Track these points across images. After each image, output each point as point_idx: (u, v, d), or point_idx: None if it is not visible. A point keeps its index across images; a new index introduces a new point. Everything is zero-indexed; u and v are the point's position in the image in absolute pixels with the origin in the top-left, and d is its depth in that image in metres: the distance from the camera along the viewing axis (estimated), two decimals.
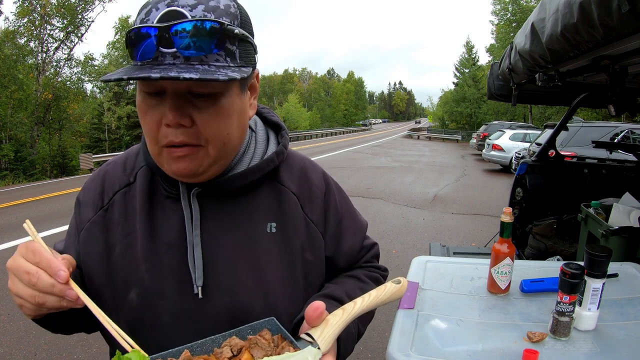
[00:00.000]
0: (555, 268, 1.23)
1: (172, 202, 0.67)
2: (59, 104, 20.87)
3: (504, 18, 26.48)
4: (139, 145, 0.74)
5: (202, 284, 0.64)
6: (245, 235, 0.68)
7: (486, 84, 3.10)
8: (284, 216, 0.71)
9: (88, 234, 0.69)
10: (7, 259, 0.55)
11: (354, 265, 0.82)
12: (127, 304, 0.64)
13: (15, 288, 0.53)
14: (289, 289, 0.69)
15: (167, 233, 0.66)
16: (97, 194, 0.71)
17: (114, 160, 0.76)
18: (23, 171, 17.41)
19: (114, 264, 0.66)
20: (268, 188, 0.71)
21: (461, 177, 11.02)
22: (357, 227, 0.82)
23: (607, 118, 12.36)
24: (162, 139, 0.59)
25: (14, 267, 0.53)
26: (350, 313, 0.59)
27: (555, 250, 2.76)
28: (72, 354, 2.66)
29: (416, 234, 5.41)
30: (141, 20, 0.56)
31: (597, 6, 1.12)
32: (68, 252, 0.69)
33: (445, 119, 39.37)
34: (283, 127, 0.78)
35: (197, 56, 0.54)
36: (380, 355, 2.64)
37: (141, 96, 0.59)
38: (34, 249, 0.53)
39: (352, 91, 74.62)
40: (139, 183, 0.69)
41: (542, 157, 3.10)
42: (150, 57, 0.54)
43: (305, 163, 0.80)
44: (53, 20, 20.44)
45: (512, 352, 0.81)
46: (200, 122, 0.58)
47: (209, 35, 0.54)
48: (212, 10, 0.56)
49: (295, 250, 0.70)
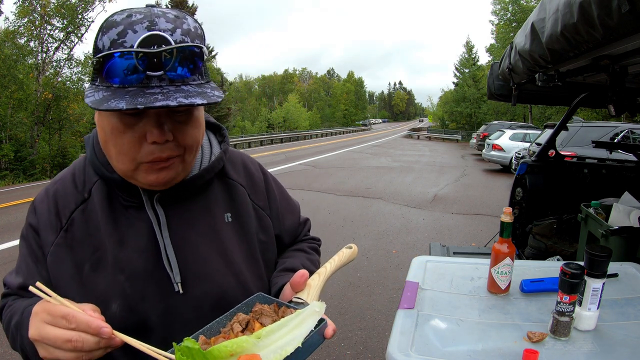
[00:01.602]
0: (555, 268, 1.23)
1: (134, 210, 0.70)
2: (59, 104, 20.86)
3: (504, 18, 26.47)
4: (82, 161, 0.76)
5: (180, 280, 0.68)
6: (208, 228, 0.74)
7: (486, 84, 3.10)
8: (237, 206, 0.79)
9: (54, 257, 0.69)
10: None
11: (296, 240, 0.93)
12: (109, 317, 0.63)
13: (54, 355, 0.54)
14: (253, 268, 0.77)
15: (136, 240, 0.69)
16: (53, 215, 0.70)
17: (60, 178, 0.76)
18: (23, 171, 17.41)
19: (86, 282, 0.67)
20: (219, 184, 0.79)
21: (461, 177, 11.03)
22: (293, 207, 0.93)
23: (607, 118, 12.36)
24: (146, 155, 0.62)
25: (46, 337, 0.54)
26: (324, 275, 0.73)
27: (555, 250, 2.76)
28: None
29: (416, 234, 5.41)
30: (112, 42, 0.56)
31: (597, 6, 1.12)
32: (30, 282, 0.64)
33: (445, 119, 39.36)
34: (222, 127, 0.85)
35: (181, 78, 0.58)
36: (380, 355, 2.64)
37: (116, 117, 0.60)
38: (64, 314, 0.54)
39: (352, 91, 74.61)
40: (96, 198, 0.71)
41: (542, 157, 3.10)
42: (136, 81, 0.56)
43: (243, 157, 0.88)
44: (53, 20, 20.44)
45: (512, 352, 0.81)
46: (179, 136, 0.63)
47: (191, 59, 0.59)
48: (187, 34, 0.59)
49: (251, 233, 0.79)
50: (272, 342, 0.57)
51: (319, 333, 0.60)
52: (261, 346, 0.57)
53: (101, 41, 0.58)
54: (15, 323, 0.66)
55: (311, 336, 0.58)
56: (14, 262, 0.77)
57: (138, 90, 0.56)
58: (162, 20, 0.58)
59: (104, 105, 0.54)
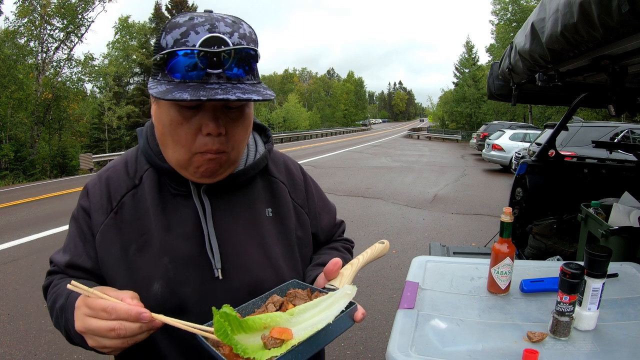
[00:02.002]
0: (555, 268, 1.23)
1: (181, 199, 0.75)
2: (59, 104, 20.86)
3: (504, 18, 26.46)
4: (135, 151, 0.82)
5: (220, 267, 0.72)
6: (250, 221, 0.78)
7: (486, 84, 3.10)
8: (277, 202, 0.83)
9: (103, 237, 0.74)
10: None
11: (330, 239, 0.98)
12: (152, 297, 0.69)
13: (102, 343, 0.59)
14: (290, 261, 0.81)
15: (182, 226, 0.73)
16: (104, 198, 0.76)
17: (113, 165, 0.81)
18: (23, 171, 17.40)
19: (133, 262, 0.72)
20: (262, 180, 0.84)
21: (461, 177, 11.02)
22: (330, 208, 0.98)
23: (607, 118, 12.36)
24: (200, 147, 0.67)
25: (91, 329, 0.58)
26: (356, 266, 0.76)
27: (555, 250, 2.76)
28: (72, 354, 2.66)
29: (416, 234, 5.41)
30: (176, 41, 0.62)
31: (597, 6, 1.12)
32: (78, 260, 0.74)
33: (445, 119, 39.33)
34: (267, 128, 0.90)
35: (237, 77, 0.64)
36: (380, 355, 2.64)
37: (175, 109, 0.65)
38: (104, 307, 0.57)
39: (352, 91, 74.48)
40: (146, 185, 0.76)
41: (542, 157, 3.10)
42: (197, 77, 0.62)
43: (285, 158, 0.93)
44: (53, 20, 20.44)
45: (512, 352, 0.81)
46: (231, 131, 0.68)
47: (246, 61, 0.64)
48: (243, 38, 0.65)
49: (289, 229, 0.83)
50: (304, 319, 0.61)
51: (348, 315, 0.63)
52: (293, 322, 0.60)
53: (164, 40, 0.63)
54: (60, 306, 0.70)
55: (341, 317, 0.61)
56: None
57: (198, 85, 0.61)
58: (221, 24, 0.64)
59: (168, 95, 0.59)
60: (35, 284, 3.74)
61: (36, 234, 5.44)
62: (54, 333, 2.91)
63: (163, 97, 0.59)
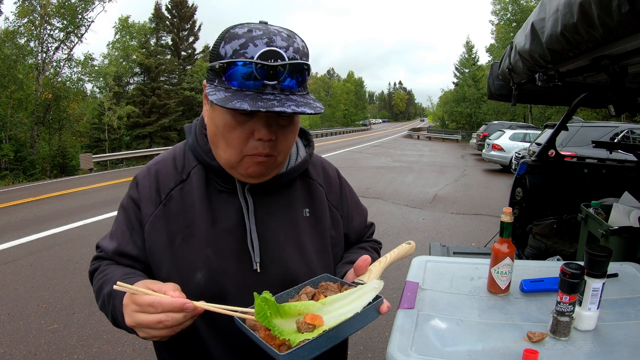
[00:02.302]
0: (555, 268, 1.23)
1: (227, 195, 0.81)
2: (58, 104, 20.84)
3: (504, 18, 26.44)
4: (182, 147, 0.87)
5: (259, 260, 0.78)
6: (288, 220, 0.84)
7: (486, 84, 3.10)
8: (315, 203, 0.89)
9: (152, 227, 0.80)
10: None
11: (360, 240, 1.02)
12: (194, 285, 0.75)
13: (152, 334, 0.64)
14: (323, 259, 0.87)
15: (226, 221, 0.79)
16: (154, 190, 0.81)
17: (162, 159, 0.87)
18: (23, 171, 17.39)
19: (178, 252, 0.78)
20: (301, 182, 0.89)
21: (461, 177, 11.02)
22: (362, 211, 1.03)
23: (607, 118, 12.35)
24: (251, 149, 0.72)
25: (141, 324, 0.63)
26: (384, 264, 0.81)
27: (555, 250, 2.76)
28: (72, 354, 2.66)
29: (416, 234, 5.41)
30: (235, 51, 0.67)
31: (597, 6, 1.12)
32: (125, 248, 0.81)
33: (445, 119, 39.31)
34: (308, 132, 0.94)
35: (290, 89, 0.69)
36: (380, 355, 2.64)
37: (230, 114, 0.71)
38: (150, 302, 0.62)
39: (352, 91, 74.36)
40: (194, 180, 0.81)
41: (542, 157, 3.09)
42: (253, 87, 0.67)
43: (322, 161, 0.99)
44: (53, 20, 20.42)
45: (512, 352, 0.81)
46: (280, 137, 0.74)
47: (300, 73, 0.70)
48: (297, 52, 0.70)
49: (324, 229, 0.88)
50: (334, 309, 0.67)
51: (375, 307, 0.68)
52: (324, 311, 0.66)
53: (224, 49, 0.68)
54: (107, 292, 0.75)
55: (368, 308, 0.67)
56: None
57: (255, 95, 0.66)
58: (278, 38, 0.68)
59: (229, 104, 0.64)
60: (35, 284, 3.75)
61: (36, 234, 5.44)
62: (54, 333, 2.91)
63: (224, 105, 0.64)
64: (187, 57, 30.25)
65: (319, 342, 0.60)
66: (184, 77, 28.68)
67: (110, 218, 6.33)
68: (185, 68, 29.58)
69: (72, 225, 5.89)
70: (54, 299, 3.46)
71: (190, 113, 28.37)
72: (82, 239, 5.21)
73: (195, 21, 30.19)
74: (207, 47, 31.80)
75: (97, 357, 2.64)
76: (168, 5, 29.04)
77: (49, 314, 3.20)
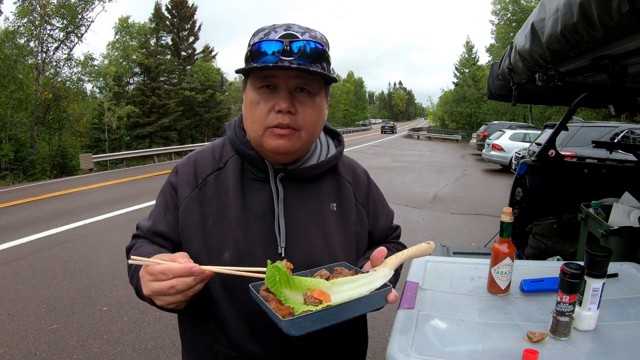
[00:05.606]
0: (555, 268, 1.23)
1: (259, 183, 0.87)
2: (58, 104, 20.83)
3: (504, 18, 26.44)
4: (222, 140, 0.95)
5: (284, 246, 0.83)
6: (316, 211, 0.89)
7: (486, 84, 3.10)
8: (342, 198, 0.93)
9: (187, 207, 0.86)
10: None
11: (385, 240, 1.05)
12: (221, 263, 0.80)
13: (167, 300, 0.69)
14: (346, 251, 0.90)
15: (257, 206, 0.85)
16: (192, 175, 0.88)
17: (201, 150, 0.94)
18: (23, 171, 17.39)
19: (210, 231, 0.84)
20: (330, 177, 0.94)
21: (461, 177, 11.02)
22: (388, 212, 1.06)
23: (607, 118, 12.34)
24: (272, 121, 0.79)
25: (155, 291, 0.69)
26: (400, 258, 0.82)
27: (555, 250, 2.76)
28: (72, 354, 2.66)
29: (416, 234, 5.41)
30: (260, 39, 0.78)
31: (597, 6, 1.12)
32: (158, 227, 0.88)
33: (445, 119, 39.30)
34: (339, 133, 1.01)
35: (305, 64, 0.76)
36: (380, 355, 2.64)
37: (254, 91, 0.80)
38: (161, 270, 0.68)
39: (352, 91, 74.35)
40: (230, 168, 0.89)
41: (542, 157, 3.10)
42: (272, 62, 0.76)
43: (352, 162, 1.04)
44: (53, 20, 20.42)
45: (512, 352, 0.81)
46: (300, 111, 0.80)
47: (315, 55, 0.78)
48: (314, 38, 0.79)
49: (350, 224, 0.92)
50: (342, 290, 0.70)
51: (382, 294, 0.71)
52: (333, 290, 0.70)
53: (252, 40, 0.81)
54: (134, 268, 0.81)
55: (375, 294, 0.70)
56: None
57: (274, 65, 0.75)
58: (296, 26, 0.80)
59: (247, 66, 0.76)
60: (35, 284, 3.75)
61: (36, 234, 5.44)
62: (54, 333, 2.91)
63: (240, 69, 0.77)
64: (187, 57, 30.27)
65: (321, 315, 0.62)
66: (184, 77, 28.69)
67: (111, 218, 6.33)
68: (185, 68, 29.60)
69: (72, 225, 5.89)
70: (54, 299, 3.46)
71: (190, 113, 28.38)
72: (82, 239, 5.22)
73: (195, 21, 30.23)
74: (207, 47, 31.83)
75: (97, 357, 2.64)
76: (168, 6, 29.06)
77: (49, 314, 3.20)
